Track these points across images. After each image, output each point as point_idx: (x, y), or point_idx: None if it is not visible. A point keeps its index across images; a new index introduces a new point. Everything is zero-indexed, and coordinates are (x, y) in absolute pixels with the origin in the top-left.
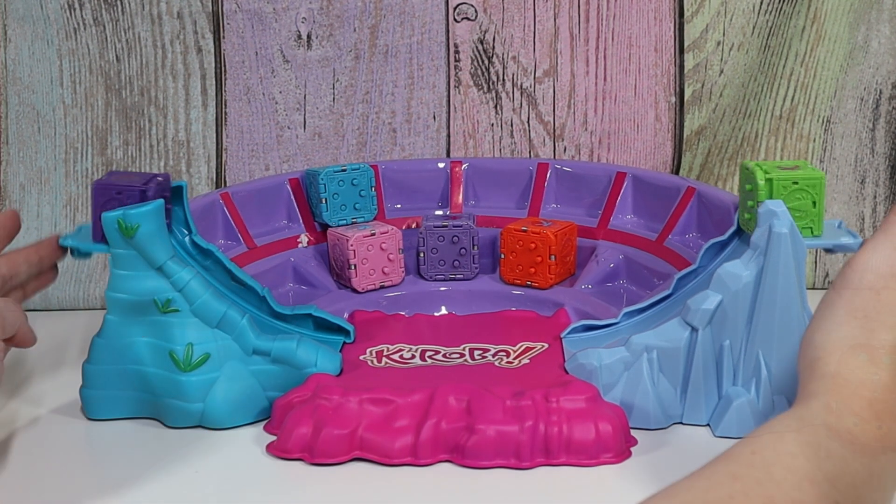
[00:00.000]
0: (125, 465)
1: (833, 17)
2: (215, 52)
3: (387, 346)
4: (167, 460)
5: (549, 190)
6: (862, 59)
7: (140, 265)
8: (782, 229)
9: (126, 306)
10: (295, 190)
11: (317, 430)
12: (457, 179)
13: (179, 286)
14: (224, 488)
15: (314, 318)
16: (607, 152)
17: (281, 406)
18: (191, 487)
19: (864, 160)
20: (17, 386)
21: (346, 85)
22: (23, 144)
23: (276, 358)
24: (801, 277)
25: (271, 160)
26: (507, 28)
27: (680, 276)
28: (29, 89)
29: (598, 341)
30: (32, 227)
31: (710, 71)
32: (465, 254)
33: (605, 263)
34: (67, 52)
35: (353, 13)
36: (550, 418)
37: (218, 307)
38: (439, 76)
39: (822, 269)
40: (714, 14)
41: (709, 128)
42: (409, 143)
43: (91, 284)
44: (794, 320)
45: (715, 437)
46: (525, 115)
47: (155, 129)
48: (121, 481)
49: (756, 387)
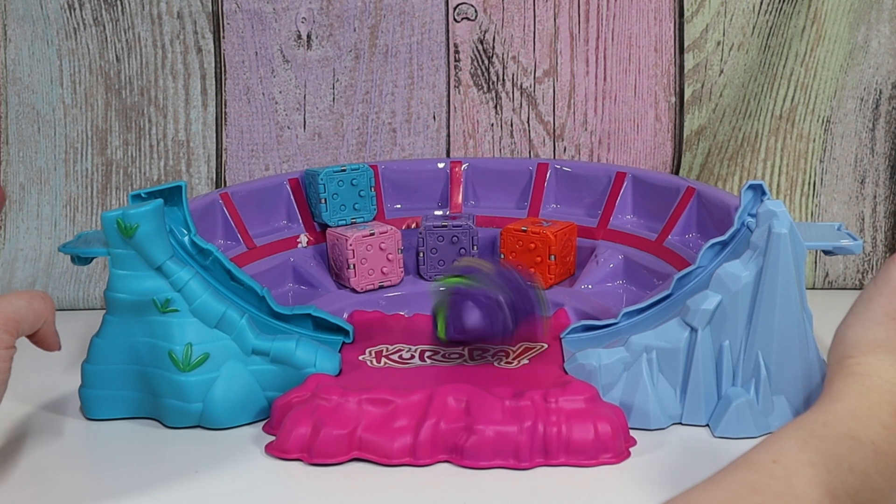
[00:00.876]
0: (124, 465)
1: (833, 17)
2: (215, 52)
3: (386, 346)
4: (166, 460)
5: (548, 190)
6: (862, 59)
7: (139, 265)
8: (782, 229)
9: (125, 306)
10: (294, 190)
11: (316, 431)
12: (457, 179)
13: (179, 286)
14: (223, 488)
15: (313, 318)
16: (607, 152)
17: (280, 406)
18: (190, 487)
19: (864, 160)
20: (17, 386)
21: (346, 85)
22: (23, 144)
23: (275, 358)
24: (801, 278)
25: (271, 160)
26: (507, 28)
27: (679, 276)
28: (29, 89)
29: (598, 341)
30: (32, 227)
31: (710, 71)
32: (465, 254)
33: (605, 263)
34: (67, 52)
35: (353, 13)
36: (549, 419)
37: (217, 307)
38: (439, 76)
39: (822, 269)
40: (714, 14)
41: (709, 128)
42: (409, 143)
43: (91, 284)
44: (793, 321)
45: (714, 438)
46: (525, 115)
47: (155, 129)
48: (120, 481)
49: (755, 387)
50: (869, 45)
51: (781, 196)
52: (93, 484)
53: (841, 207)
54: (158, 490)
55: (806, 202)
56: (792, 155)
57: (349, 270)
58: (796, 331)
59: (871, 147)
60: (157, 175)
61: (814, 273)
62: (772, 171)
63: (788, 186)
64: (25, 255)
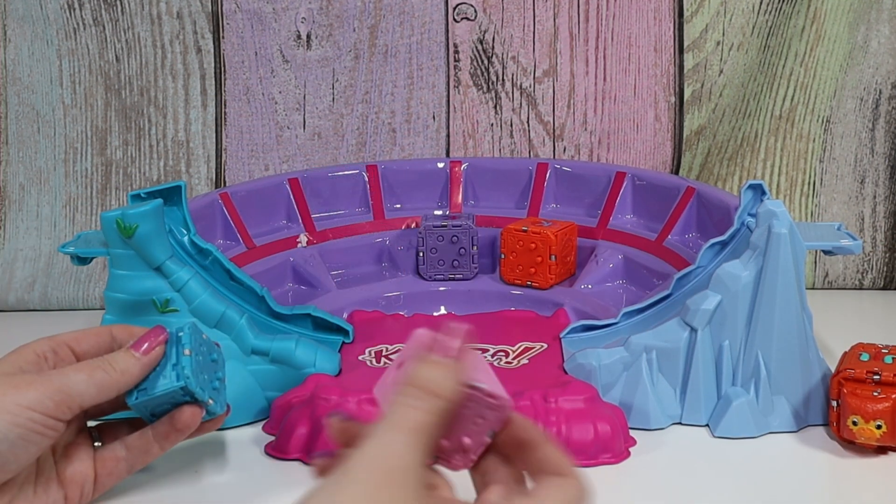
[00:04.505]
0: None
1: (833, 17)
2: (215, 52)
3: (386, 346)
4: (167, 460)
5: (548, 190)
6: (862, 59)
7: (139, 265)
8: (782, 229)
9: (125, 306)
10: (294, 190)
11: (315, 431)
12: (456, 179)
13: (178, 286)
14: (223, 488)
15: (313, 317)
16: (607, 152)
17: (280, 406)
18: (190, 487)
19: (863, 160)
20: None
21: (345, 85)
22: (23, 144)
23: (274, 358)
24: (801, 278)
25: (271, 160)
26: (506, 28)
27: (679, 276)
28: (29, 89)
29: (598, 341)
30: (32, 227)
31: (710, 71)
32: (465, 254)
33: (605, 263)
34: (67, 52)
35: (353, 13)
36: (549, 419)
37: (217, 307)
38: (439, 76)
39: (822, 269)
40: (714, 14)
41: (708, 128)
42: (409, 143)
43: (91, 284)
44: (793, 321)
45: (714, 438)
46: (525, 115)
47: (155, 129)
48: (120, 481)
49: (755, 387)
50: (869, 45)
51: (781, 196)
52: None
53: (841, 207)
54: (158, 490)
55: (806, 202)
56: (792, 155)
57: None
58: (796, 331)
59: (871, 147)
60: (157, 175)
61: (814, 273)
62: (771, 171)
63: (788, 186)
64: (25, 255)
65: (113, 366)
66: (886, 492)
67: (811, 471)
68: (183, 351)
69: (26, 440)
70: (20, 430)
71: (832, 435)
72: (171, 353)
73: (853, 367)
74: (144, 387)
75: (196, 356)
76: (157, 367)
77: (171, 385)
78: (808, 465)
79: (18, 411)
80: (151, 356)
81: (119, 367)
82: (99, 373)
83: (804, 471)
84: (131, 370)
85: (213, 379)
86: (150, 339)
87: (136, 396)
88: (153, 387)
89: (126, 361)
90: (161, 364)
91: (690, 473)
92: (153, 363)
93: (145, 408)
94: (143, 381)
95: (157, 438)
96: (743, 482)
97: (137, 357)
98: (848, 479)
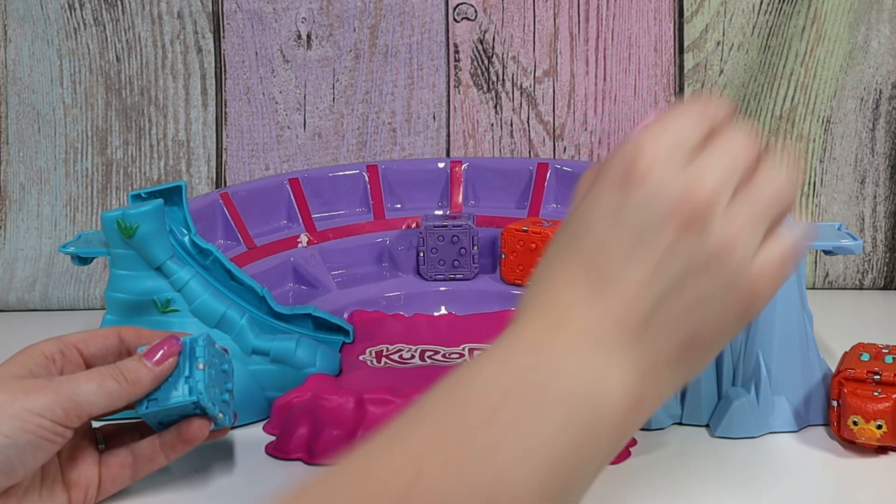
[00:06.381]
0: None
1: (833, 17)
2: (215, 52)
3: (386, 346)
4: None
5: (549, 190)
6: (862, 59)
7: (139, 265)
8: None
9: (125, 306)
10: (295, 190)
11: (316, 431)
12: (457, 179)
13: (179, 286)
14: (223, 488)
15: (314, 317)
16: (607, 152)
17: (280, 406)
18: (190, 487)
19: (863, 160)
20: None
21: (346, 85)
22: (23, 144)
23: (275, 358)
24: (801, 278)
25: (271, 160)
26: (506, 28)
27: None
28: (29, 89)
29: None
30: (32, 227)
31: (710, 71)
32: (465, 254)
33: None
34: (67, 52)
35: (353, 13)
36: None
37: (217, 307)
38: (439, 76)
39: (822, 269)
40: (714, 14)
41: None
42: (409, 143)
43: (91, 284)
44: (793, 321)
45: (714, 438)
46: (525, 115)
47: (155, 129)
48: (123, 487)
49: (756, 387)
50: (869, 45)
51: None
52: None
53: (841, 207)
54: (158, 490)
55: (806, 202)
56: (792, 155)
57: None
58: (796, 331)
59: (871, 147)
60: (157, 175)
61: (814, 273)
62: None
63: None
64: (25, 255)
65: (125, 376)
66: (886, 492)
67: (811, 471)
68: (197, 364)
69: (34, 446)
70: (29, 436)
71: (832, 435)
72: (184, 366)
73: (854, 366)
74: (155, 397)
75: (209, 369)
76: (168, 377)
77: (184, 399)
78: (808, 465)
79: (28, 417)
80: (164, 367)
81: (131, 378)
82: (110, 382)
83: (804, 471)
84: (143, 381)
85: (223, 392)
86: (164, 350)
87: (146, 406)
88: (164, 398)
89: (138, 372)
90: (173, 375)
91: (691, 473)
92: (165, 375)
93: (154, 417)
94: (154, 390)
95: (164, 448)
96: (743, 482)
97: (150, 367)
98: (848, 479)
